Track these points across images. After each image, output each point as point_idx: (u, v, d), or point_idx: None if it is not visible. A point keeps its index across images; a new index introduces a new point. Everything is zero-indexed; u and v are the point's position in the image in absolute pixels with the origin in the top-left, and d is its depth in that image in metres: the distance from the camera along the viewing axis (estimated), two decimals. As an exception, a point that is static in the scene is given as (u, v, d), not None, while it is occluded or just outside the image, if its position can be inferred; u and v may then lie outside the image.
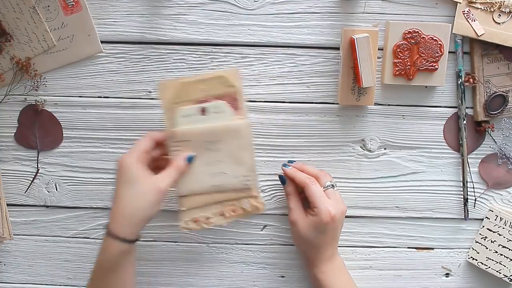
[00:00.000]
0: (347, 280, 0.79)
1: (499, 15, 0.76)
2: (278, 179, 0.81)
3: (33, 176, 0.84)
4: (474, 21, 0.76)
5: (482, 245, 0.84)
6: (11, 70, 0.79)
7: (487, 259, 0.84)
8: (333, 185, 0.77)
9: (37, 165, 0.84)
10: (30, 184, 0.84)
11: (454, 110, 0.81)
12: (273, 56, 0.80)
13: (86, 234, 0.86)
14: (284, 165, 0.79)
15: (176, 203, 0.84)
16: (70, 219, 0.86)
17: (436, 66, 0.77)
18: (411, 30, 0.76)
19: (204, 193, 0.76)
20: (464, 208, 0.84)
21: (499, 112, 0.80)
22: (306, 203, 0.78)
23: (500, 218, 0.83)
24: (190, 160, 0.75)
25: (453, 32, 0.77)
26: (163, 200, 0.71)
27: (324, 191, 0.76)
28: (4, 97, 0.81)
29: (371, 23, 0.78)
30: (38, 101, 0.81)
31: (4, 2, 0.76)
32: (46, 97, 0.81)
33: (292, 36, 0.79)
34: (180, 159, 0.74)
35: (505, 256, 0.83)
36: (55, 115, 0.82)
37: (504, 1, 0.75)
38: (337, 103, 0.81)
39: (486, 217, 0.84)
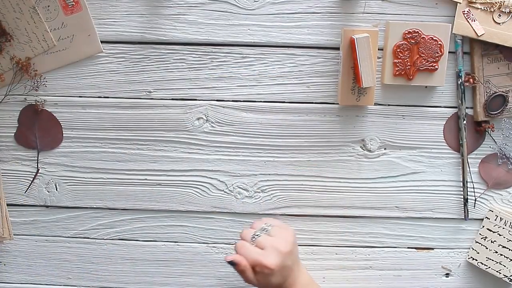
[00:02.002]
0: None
1: (499, 15, 0.76)
2: (277, 184, 0.82)
3: (33, 176, 0.84)
4: (474, 21, 0.76)
5: (482, 245, 0.84)
6: (11, 70, 0.79)
7: (487, 259, 0.84)
8: (257, 235, 0.75)
9: (37, 165, 0.84)
10: (30, 184, 0.84)
11: (454, 110, 0.81)
12: (273, 56, 0.80)
13: (86, 234, 0.86)
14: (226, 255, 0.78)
15: (176, 203, 0.85)
16: (70, 219, 0.86)
17: (436, 66, 0.77)
18: (411, 30, 0.76)
19: None
20: (464, 208, 0.84)
21: (499, 112, 0.80)
22: None
23: (500, 218, 0.83)
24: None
25: (453, 32, 0.77)
26: None
27: (255, 245, 0.74)
28: (4, 97, 0.81)
29: (371, 23, 0.78)
30: (38, 101, 0.81)
31: (4, 2, 0.76)
32: (46, 97, 0.81)
33: (292, 36, 0.79)
34: None
35: (505, 256, 0.83)
36: (55, 115, 0.82)
37: (504, 1, 0.75)
38: (337, 103, 0.81)
39: (486, 217, 0.84)
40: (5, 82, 0.80)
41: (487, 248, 0.84)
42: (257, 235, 0.76)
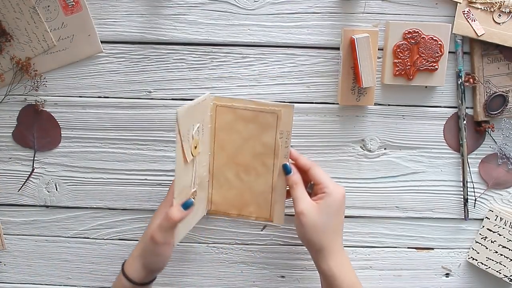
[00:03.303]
0: (356, 275, 0.75)
1: (499, 15, 0.76)
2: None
3: (29, 176, 0.84)
4: (474, 21, 0.76)
5: (482, 245, 0.84)
6: (11, 70, 0.79)
7: (487, 259, 0.84)
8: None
9: (33, 165, 0.84)
10: (24, 183, 0.84)
11: (454, 110, 0.81)
12: (273, 56, 0.80)
13: (86, 234, 0.86)
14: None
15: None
16: (70, 219, 0.86)
17: (436, 66, 0.77)
18: (411, 30, 0.76)
19: None
20: (464, 208, 0.84)
21: (499, 112, 0.80)
22: None
23: (500, 218, 0.83)
24: (187, 206, 0.69)
25: (453, 32, 0.77)
26: (162, 251, 0.71)
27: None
28: (4, 97, 0.81)
29: (371, 23, 0.78)
30: (38, 101, 0.81)
31: (4, 2, 0.76)
32: (46, 97, 0.81)
33: (292, 36, 0.79)
34: (174, 208, 0.68)
35: (505, 256, 0.83)
36: (55, 115, 0.82)
37: (504, 1, 0.75)
38: (337, 103, 0.81)
39: (486, 217, 0.84)
40: (5, 82, 0.80)
41: (487, 248, 0.84)
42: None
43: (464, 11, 0.76)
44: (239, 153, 0.77)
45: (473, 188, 0.83)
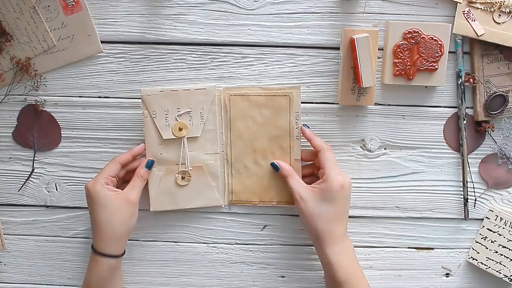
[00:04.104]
0: (357, 265, 0.76)
1: (499, 15, 0.76)
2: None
3: (29, 176, 0.84)
4: (474, 21, 0.76)
5: (482, 245, 0.84)
6: (11, 70, 0.79)
7: (487, 259, 0.84)
8: None
9: (33, 165, 0.84)
10: (24, 183, 0.84)
11: (454, 110, 0.81)
12: (273, 56, 0.80)
13: (86, 234, 0.86)
14: (304, 125, 0.79)
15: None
16: (70, 219, 0.86)
17: (436, 66, 0.77)
18: (411, 30, 0.76)
19: None
20: (464, 208, 0.84)
21: (499, 112, 0.80)
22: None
23: (500, 218, 0.83)
24: (149, 166, 0.78)
25: (453, 32, 0.77)
26: (137, 210, 0.77)
27: None
28: (4, 97, 0.81)
29: (371, 23, 0.78)
30: (38, 101, 0.81)
31: (4, 2, 0.76)
32: (46, 97, 0.81)
33: (292, 36, 0.79)
34: (140, 168, 0.78)
35: (505, 256, 0.83)
36: (55, 115, 0.82)
37: (504, 1, 0.75)
38: (337, 103, 0.81)
39: (486, 217, 0.84)
40: (5, 82, 0.80)
41: (487, 248, 0.84)
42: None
43: (464, 11, 0.76)
44: (255, 139, 0.79)
45: (473, 188, 0.83)
